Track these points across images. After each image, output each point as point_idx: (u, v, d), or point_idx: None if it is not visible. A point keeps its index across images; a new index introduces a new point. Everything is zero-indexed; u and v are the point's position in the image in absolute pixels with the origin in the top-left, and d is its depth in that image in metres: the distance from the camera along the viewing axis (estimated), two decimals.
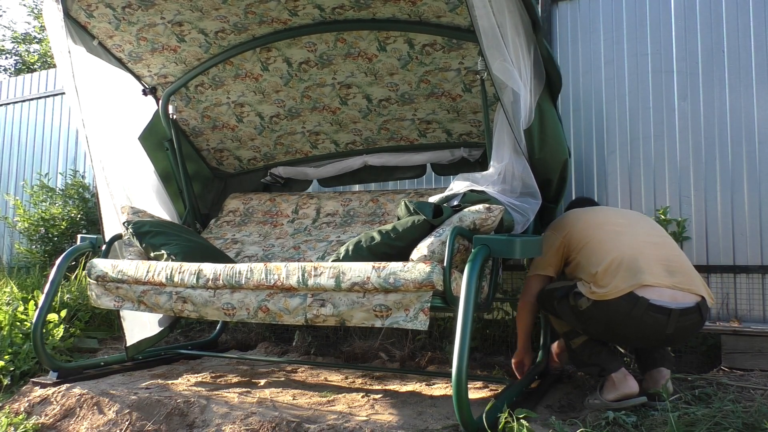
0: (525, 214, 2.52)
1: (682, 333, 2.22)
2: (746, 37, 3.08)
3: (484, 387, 2.80)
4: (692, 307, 2.19)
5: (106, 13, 2.99)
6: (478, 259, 2.02)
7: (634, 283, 2.16)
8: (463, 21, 2.83)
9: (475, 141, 3.42)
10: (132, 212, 3.06)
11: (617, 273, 2.20)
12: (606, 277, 2.22)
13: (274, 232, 3.55)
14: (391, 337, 3.54)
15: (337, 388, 2.77)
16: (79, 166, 5.34)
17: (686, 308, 2.17)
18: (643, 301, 2.14)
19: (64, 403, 2.56)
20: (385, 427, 2.11)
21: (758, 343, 2.81)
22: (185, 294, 2.47)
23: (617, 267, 2.22)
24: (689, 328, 2.22)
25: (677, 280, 2.20)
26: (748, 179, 3.05)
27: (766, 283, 2.98)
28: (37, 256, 4.93)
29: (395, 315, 2.10)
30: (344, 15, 2.96)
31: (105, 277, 2.68)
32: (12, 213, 5.53)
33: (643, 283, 2.15)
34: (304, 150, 3.83)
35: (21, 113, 5.84)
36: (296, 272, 2.23)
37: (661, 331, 2.17)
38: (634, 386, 2.23)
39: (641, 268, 2.19)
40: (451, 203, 2.42)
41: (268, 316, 2.29)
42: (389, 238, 2.32)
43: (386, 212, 3.38)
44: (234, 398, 2.55)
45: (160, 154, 3.62)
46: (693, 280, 2.25)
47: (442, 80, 3.15)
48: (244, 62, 3.34)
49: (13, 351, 3.10)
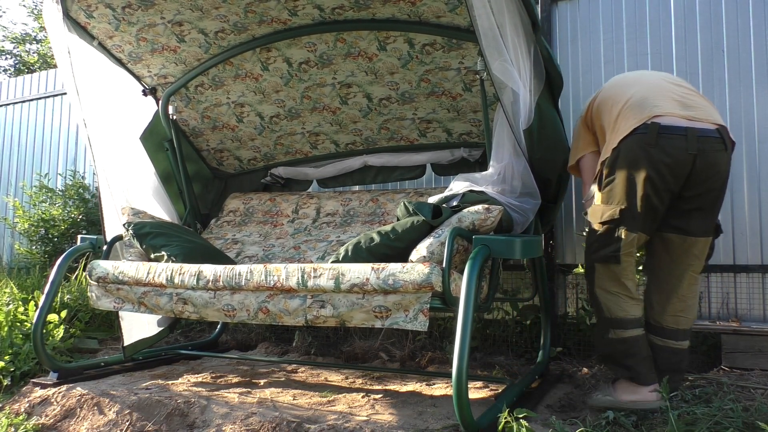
0: (525, 214, 2.53)
1: (709, 164, 2.07)
2: (746, 37, 3.07)
3: (484, 387, 2.80)
4: (712, 130, 2.05)
5: (105, 14, 2.99)
6: (478, 260, 2.02)
7: (644, 116, 2.06)
8: (462, 21, 2.83)
9: (475, 141, 3.42)
10: (132, 213, 3.07)
11: (628, 114, 2.12)
12: (619, 121, 2.15)
13: (274, 232, 3.55)
14: (391, 337, 3.54)
15: (338, 388, 2.77)
16: (79, 167, 5.34)
17: (705, 131, 2.04)
18: (654, 125, 2.02)
19: (64, 404, 2.56)
20: (385, 427, 2.12)
21: (758, 343, 2.81)
22: (186, 295, 2.47)
23: (628, 109, 2.14)
24: (716, 157, 2.08)
25: (693, 113, 2.08)
26: (748, 179, 3.04)
27: (766, 282, 2.98)
28: (37, 257, 4.93)
29: (395, 316, 2.10)
30: (344, 15, 2.96)
31: (106, 278, 2.68)
32: (12, 214, 5.53)
33: (654, 114, 2.04)
34: (304, 150, 3.83)
35: (21, 114, 5.84)
36: (296, 274, 2.23)
37: (686, 160, 2.02)
38: (655, 397, 2.17)
39: (652, 102, 2.08)
40: (451, 204, 2.42)
41: (269, 318, 2.29)
42: (388, 239, 2.32)
43: (386, 212, 3.38)
44: (234, 398, 2.55)
45: (161, 155, 3.62)
46: (711, 112, 2.12)
47: (443, 79, 3.15)
48: (244, 62, 3.34)
49: (13, 351, 3.10)
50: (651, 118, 2.06)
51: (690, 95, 2.18)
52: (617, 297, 2.24)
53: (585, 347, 3.15)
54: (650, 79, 2.31)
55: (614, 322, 2.24)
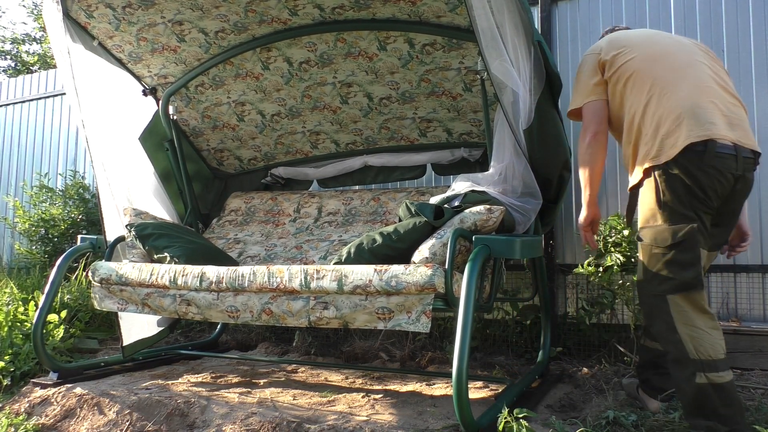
0: (526, 214, 2.52)
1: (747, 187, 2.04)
2: (746, 37, 3.07)
3: (484, 387, 2.80)
4: (750, 152, 2.00)
5: (106, 14, 2.99)
6: (478, 259, 2.02)
7: (701, 133, 1.95)
8: (462, 21, 2.83)
9: (475, 141, 3.42)
10: (134, 214, 3.07)
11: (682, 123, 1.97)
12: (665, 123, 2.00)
13: (276, 231, 3.55)
14: (391, 337, 3.54)
15: (338, 388, 2.77)
16: (79, 167, 5.34)
17: (746, 151, 1.99)
18: (712, 145, 1.93)
19: (64, 404, 2.56)
20: (385, 427, 2.12)
21: (758, 343, 2.82)
22: (189, 297, 2.48)
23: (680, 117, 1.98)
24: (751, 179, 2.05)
25: (739, 135, 2.01)
26: None
27: (766, 282, 2.98)
28: (38, 257, 4.93)
29: (397, 317, 2.10)
30: (344, 15, 2.96)
31: (109, 280, 2.68)
32: (12, 214, 5.53)
33: (710, 133, 1.94)
34: (305, 150, 3.83)
35: (21, 114, 5.84)
36: (299, 275, 2.24)
37: (730, 181, 1.97)
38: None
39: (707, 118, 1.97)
40: (452, 204, 2.42)
41: (272, 319, 2.30)
42: (390, 240, 2.32)
43: (387, 211, 3.38)
44: (234, 398, 2.55)
45: (161, 155, 3.62)
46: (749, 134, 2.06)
47: (443, 79, 3.15)
48: (244, 62, 3.34)
49: (13, 352, 3.10)
50: (707, 137, 1.94)
51: (735, 109, 2.08)
52: (706, 333, 1.88)
53: (585, 347, 3.15)
54: (698, 74, 2.09)
55: (705, 364, 1.85)
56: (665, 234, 1.95)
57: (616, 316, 3.10)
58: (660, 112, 2.03)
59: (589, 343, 3.15)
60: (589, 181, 2.28)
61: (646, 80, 2.11)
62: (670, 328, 1.92)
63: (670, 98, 2.03)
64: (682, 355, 1.89)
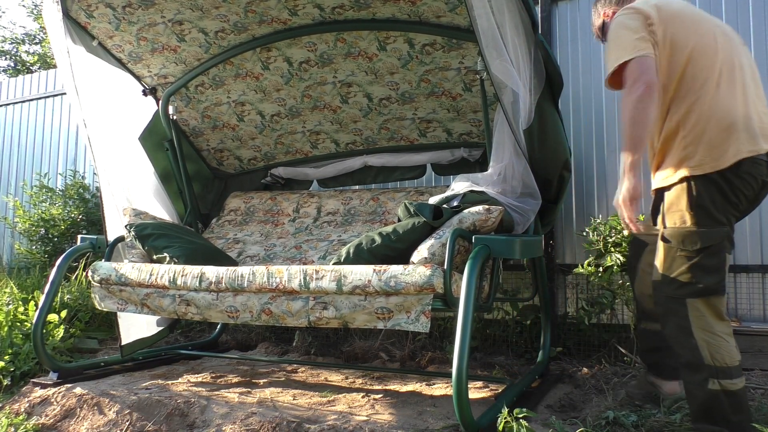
0: (525, 214, 2.53)
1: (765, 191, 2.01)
2: (746, 37, 3.07)
3: (484, 387, 2.80)
4: None
5: (106, 13, 2.99)
6: (478, 259, 2.02)
7: (752, 149, 1.89)
8: (462, 21, 2.83)
9: (475, 141, 3.42)
10: (134, 214, 3.07)
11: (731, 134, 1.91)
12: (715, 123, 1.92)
13: (275, 231, 3.55)
14: (391, 337, 3.55)
15: (338, 388, 2.77)
16: (79, 167, 5.34)
17: None
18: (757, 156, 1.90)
19: (64, 404, 2.56)
20: (385, 427, 2.12)
21: (758, 343, 2.82)
22: (188, 297, 2.48)
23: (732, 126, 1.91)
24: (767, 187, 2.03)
25: None
26: None
27: (766, 282, 2.98)
28: (37, 257, 4.93)
29: (397, 317, 2.10)
30: (344, 15, 2.96)
31: (108, 280, 2.68)
32: (12, 214, 5.53)
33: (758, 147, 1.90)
34: (305, 150, 3.82)
35: (21, 114, 5.84)
36: (298, 275, 2.24)
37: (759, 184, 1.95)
38: None
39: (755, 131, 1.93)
40: (452, 204, 2.42)
41: (272, 319, 2.30)
42: (390, 240, 2.32)
43: (387, 211, 3.38)
44: (234, 398, 2.55)
45: (160, 155, 3.62)
46: None
47: (443, 79, 3.15)
48: (244, 62, 3.34)
49: (13, 351, 3.10)
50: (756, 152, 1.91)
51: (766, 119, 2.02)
52: (722, 340, 1.85)
53: (585, 347, 3.15)
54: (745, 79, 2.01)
55: (720, 371, 1.83)
56: (694, 237, 1.90)
57: (616, 316, 3.10)
58: (707, 115, 1.93)
59: (589, 343, 3.15)
60: (638, 141, 1.95)
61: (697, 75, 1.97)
62: (686, 332, 1.89)
63: (718, 103, 1.94)
64: (696, 360, 1.86)
